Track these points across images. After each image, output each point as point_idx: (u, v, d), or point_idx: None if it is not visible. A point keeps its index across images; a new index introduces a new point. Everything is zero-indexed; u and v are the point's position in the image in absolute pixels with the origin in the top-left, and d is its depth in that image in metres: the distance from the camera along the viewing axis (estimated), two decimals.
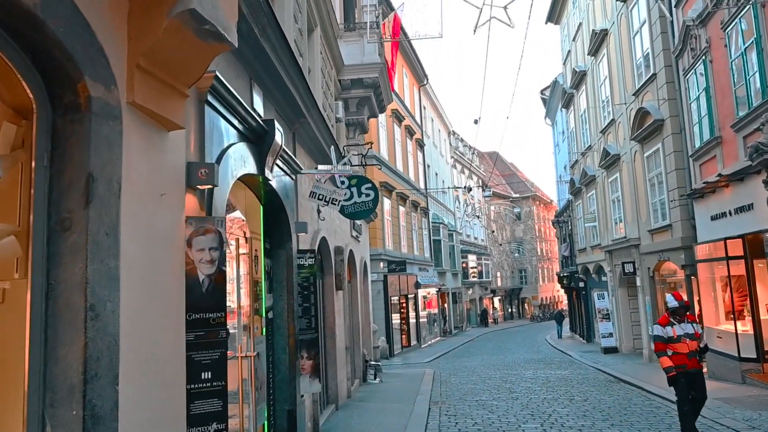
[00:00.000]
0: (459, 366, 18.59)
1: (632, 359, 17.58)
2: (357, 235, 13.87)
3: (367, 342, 15.52)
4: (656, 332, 7.49)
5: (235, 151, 4.50)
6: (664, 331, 7.33)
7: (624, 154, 17.73)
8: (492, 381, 14.17)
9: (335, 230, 10.62)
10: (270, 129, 5.16)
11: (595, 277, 23.53)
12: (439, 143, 39.68)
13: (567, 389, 12.32)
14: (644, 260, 16.38)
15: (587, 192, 23.47)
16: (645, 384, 12.06)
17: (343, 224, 11.89)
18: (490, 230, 51.58)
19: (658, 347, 7.42)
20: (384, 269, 22.60)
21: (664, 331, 7.34)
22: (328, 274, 9.82)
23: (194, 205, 3.72)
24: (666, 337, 7.30)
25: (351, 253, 12.64)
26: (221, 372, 3.48)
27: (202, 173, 3.60)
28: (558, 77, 28.27)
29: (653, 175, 15.29)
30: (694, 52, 12.43)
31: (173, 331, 3.27)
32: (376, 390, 12.67)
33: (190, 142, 3.73)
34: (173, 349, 3.26)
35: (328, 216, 9.79)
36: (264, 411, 5.90)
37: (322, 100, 10.43)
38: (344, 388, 10.76)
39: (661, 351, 7.33)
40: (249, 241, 5.45)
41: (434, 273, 32.44)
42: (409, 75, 31.16)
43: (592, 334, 25.51)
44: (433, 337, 31.05)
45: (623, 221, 18.38)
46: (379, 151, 23.59)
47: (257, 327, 5.76)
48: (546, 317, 55.89)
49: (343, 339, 10.84)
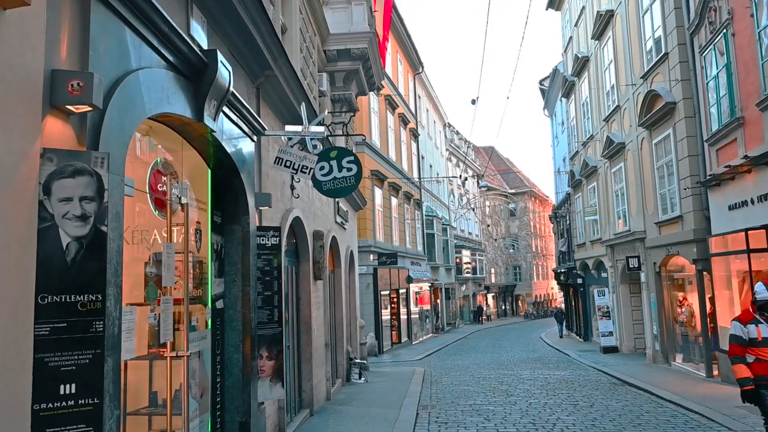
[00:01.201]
0: (451, 364, 17.48)
1: (634, 359, 16.52)
2: (342, 221, 12.70)
3: (353, 338, 14.37)
4: (734, 331, 5.82)
5: (150, 78, 3.32)
6: (745, 331, 5.66)
7: (630, 142, 16.62)
8: (487, 382, 13.05)
9: (314, 212, 9.45)
10: (211, 62, 3.98)
11: (594, 273, 22.46)
12: (434, 135, 38.53)
13: (569, 392, 11.21)
14: (650, 255, 15.29)
15: (588, 184, 22.38)
16: (655, 388, 10.96)
17: (325, 207, 10.72)
18: (485, 225, 50.55)
19: (733, 350, 5.74)
20: (374, 262, 21.44)
21: (744, 331, 5.67)
22: (305, 261, 8.64)
23: (64, 136, 2.54)
24: (747, 339, 5.63)
25: (335, 240, 11.47)
26: (93, 384, 2.31)
27: (74, 86, 2.42)
28: (558, 65, 27.15)
29: (662, 164, 14.19)
30: (713, 26, 11.30)
31: (10, 320, 2.10)
32: (359, 391, 11.52)
33: (61, 42, 2.55)
34: (11, 349, 2.10)
35: (305, 195, 8.62)
36: (207, 424, 4.74)
37: (300, 65, 9.24)
38: (322, 390, 9.60)
39: (738, 356, 5.65)
40: (185, 207, 4.27)
41: (427, 267, 31.31)
42: (404, 62, 29.96)
43: (589, 333, 24.47)
44: (425, 334, 29.94)
45: (627, 214, 17.29)
46: (371, 138, 22.42)
47: (197, 319, 4.58)
48: (540, 315, 55.03)
49: (322, 335, 9.68)
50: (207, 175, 4.97)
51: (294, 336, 8.19)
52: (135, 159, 4.07)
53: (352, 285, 14.53)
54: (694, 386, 11.06)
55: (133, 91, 3.08)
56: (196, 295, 4.62)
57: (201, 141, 4.59)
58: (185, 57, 3.78)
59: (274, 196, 6.45)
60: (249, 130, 5.44)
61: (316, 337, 8.96)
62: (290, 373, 7.93)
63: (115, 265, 2.67)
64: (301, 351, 8.44)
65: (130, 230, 4.01)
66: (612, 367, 15.04)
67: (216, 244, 5.02)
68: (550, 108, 32.38)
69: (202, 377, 4.58)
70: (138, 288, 3.93)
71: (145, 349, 4.12)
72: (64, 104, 2.45)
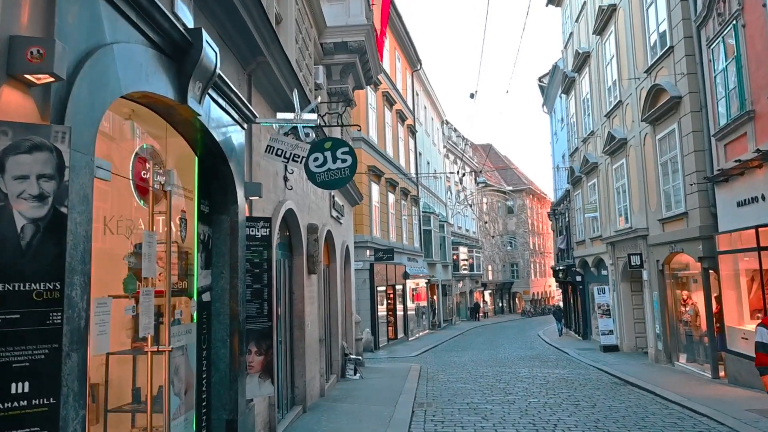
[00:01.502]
0: (448, 361, 17.28)
1: (636, 359, 16.33)
2: (338, 215, 12.47)
3: (349, 334, 14.16)
4: (759, 338, 5.17)
5: (127, 53, 3.08)
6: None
7: (632, 137, 16.39)
8: (484, 380, 12.85)
9: (309, 206, 9.21)
10: (195, 41, 3.74)
11: (594, 270, 22.26)
12: (432, 132, 38.28)
13: (569, 392, 11.00)
14: (653, 252, 15.08)
15: (588, 181, 22.15)
16: (658, 389, 10.75)
17: (321, 201, 10.49)
18: (483, 221, 50.38)
19: (761, 360, 5.13)
20: (371, 257, 21.21)
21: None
22: (298, 255, 8.41)
23: (24, 109, 2.30)
24: None
25: (330, 234, 11.24)
26: (50, 383, 2.07)
27: (33, 54, 2.18)
28: (558, 62, 26.88)
29: (666, 159, 13.96)
30: (722, 18, 11.06)
31: None
32: (354, 388, 11.30)
33: (22, 7, 2.31)
34: None
35: (299, 187, 8.39)
36: (192, 422, 4.51)
37: (296, 56, 9.00)
38: (316, 387, 9.39)
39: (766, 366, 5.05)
40: (169, 195, 4.04)
41: (424, 264, 31.10)
42: (402, 59, 29.70)
43: (588, 331, 24.29)
44: (422, 330, 29.74)
45: (629, 210, 17.07)
46: (368, 134, 22.18)
47: (181, 312, 4.35)
48: (537, 312, 54.84)
49: (316, 330, 9.46)
50: (194, 163, 4.73)
51: (287, 331, 7.96)
52: (117, 144, 3.84)
53: (347, 280, 14.31)
54: (699, 387, 10.83)
55: (105, 66, 2.84)
56: (181, 287, 4.38)
57: (187, 126, 4.35)
58: (167, 34, 3.54)
59: (265, 186, 6.22)
60: (239, 117, 5.20)
61: (309, 333, 8.74)
62: (282, 368, 7.71)
63: (81, 252, 2.44)
64: (294, 346, 8.21)
65: (114, 220, 3.79)
66: (613, 366, 14.84)
67: (203, 234, 4.78)
68: (549, 105, 32.12)
69: (187, 373, 4.35)
70: (119, 279, 3.70)
71: (128, 344, 3.91)
72: (22, 73, 2.21)
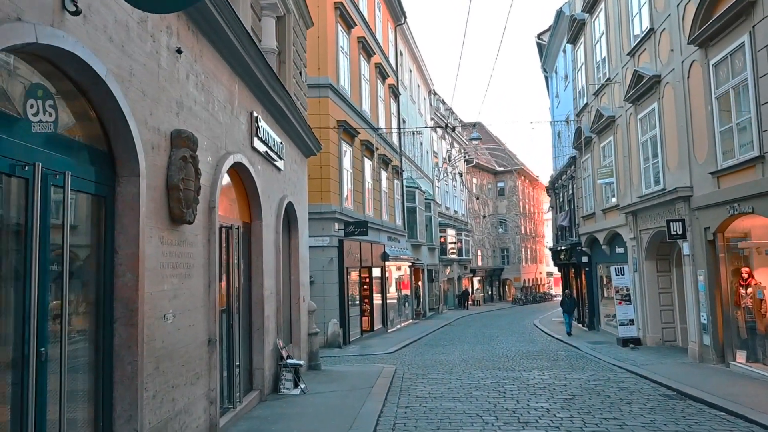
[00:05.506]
0: (432, 360, 13.54)
1: (668, 356, 12.72)
2: (272, 157, 8.59)
3: (294, 327, 10.33)
4: None
5: None
6: None
7: (669, 72, 12.65)
8: (482, 391, 9.14)
9: (189, 107, 5.31)
10: None
11: (605, 249, 18.59)
12: (418, 99, 34.39)
13: (613, 414, 7.30)
14: (699, 218, 11.41)
15: (601, 141, 18.43)
16: (745, 408, 7.07)
17: (227, 115, 6.58)
18: (474, 196, 46.88)
19: None
20: (339, 232, 17.34)
21: None
22: (132, 177, 4.44)
23: None
24: None
25: (248, 175, 7.36)
26: None
27: None
28: (563, 6, 23.08)
29: (726, 89, 10.23)
30: None
31: None
32: (282, 414, 7.45)
33: None
34: None
35: (145, 53, 4.46)
36: None
37: None
38: (189, 426, 5.52)
39: None
40: None
41: (407, 245, 27.31)
42: (382, 6, 25.70)
43: (596, 321, 20.70)
44: (404, 320, 25.99)
45: (662, 168, 13.37)
46: (338, 82, 18.23)
47: None
48: (529, 300, 51.41)
49: (192, 324, 5.60)
50: None
51: (100, 329, 4.08)
52: None
53: (294, 253, 10.45)
54: None
55: None
56: None
57: None
58: None
59: None
60: None
61: (170, 332, 4.88)
62: (97, 403, 3.85)
63: None
64: (119, 359, 4.28)
65: None
66: (645, 367, 11.22)
67: None
68: (549, 64, 28.35)
69: None
70: None
71: None
72: None
